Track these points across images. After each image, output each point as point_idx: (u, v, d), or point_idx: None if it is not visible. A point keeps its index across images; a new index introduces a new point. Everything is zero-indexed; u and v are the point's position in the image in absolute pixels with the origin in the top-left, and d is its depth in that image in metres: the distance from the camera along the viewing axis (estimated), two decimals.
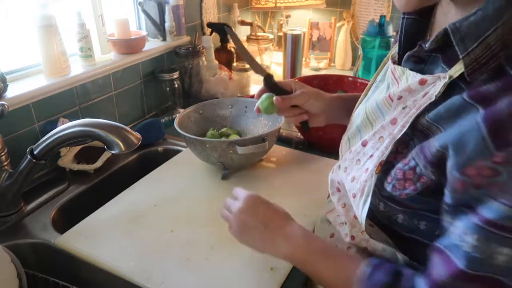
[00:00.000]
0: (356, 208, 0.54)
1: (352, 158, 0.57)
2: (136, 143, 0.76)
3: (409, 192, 0.47)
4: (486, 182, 0.39)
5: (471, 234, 0.41)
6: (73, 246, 0.75)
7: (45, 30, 0.95)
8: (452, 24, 0.44)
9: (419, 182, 0.46)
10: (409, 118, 0.48)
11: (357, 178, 0.54)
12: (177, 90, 1.34)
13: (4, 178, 0.81)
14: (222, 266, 0.70)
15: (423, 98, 0.48)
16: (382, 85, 0.63)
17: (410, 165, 0.47)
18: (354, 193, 0.54)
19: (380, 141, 0.52)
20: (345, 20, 1.80)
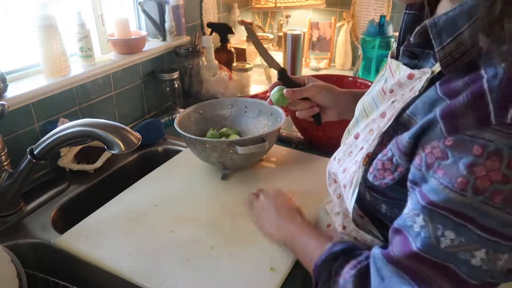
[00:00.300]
0: (346, 198, 0.57)
1: (345, 150, 0.60)
2: (136, 143, 0.76)
3: (388, 181, 0.50)
4: (435, 164, 0.42)
5: (421, 215, 0.43)
6: (73, 246, 0.75)
7: (45, 30, 0.95)
8: (431, 19, 0.45)
9: (397, 171, 0.48)
10: (395, 111, 0.50)
11: (347, 170, 0.57)
12: (177, 90, 1.34)
13: (4, 178, 0.81)
14: (222, 266, 0.70)
15: (409, 93, 0.49)
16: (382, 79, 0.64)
17: (388, 156, 0.49)
18: (344, 184, 0.57)
19: (370, 133, 0.54)
20: (345, 20, 1.80)
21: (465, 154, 0.39)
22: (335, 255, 0.56)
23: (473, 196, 0.39)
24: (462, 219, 0.40)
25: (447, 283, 0.43)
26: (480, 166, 0.38)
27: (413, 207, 0.45)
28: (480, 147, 0.38)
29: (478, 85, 0.40)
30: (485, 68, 0.40)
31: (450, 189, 0.40)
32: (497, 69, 0.39)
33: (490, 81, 0.39)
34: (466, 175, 0.39)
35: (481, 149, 0.38)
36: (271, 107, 1.07)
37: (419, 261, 0.44)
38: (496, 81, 0.39)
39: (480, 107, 0.39)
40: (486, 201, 0.39)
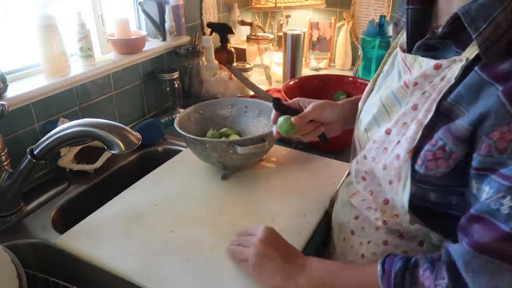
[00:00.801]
0: (395, 193, 0.57)
1: (378, 147, 0.60)
2: (136, 143, 0.76)
3: (443, 170, 0.51)
4: (509, 146, 0.43)
5: (506, 196, 0.44)
6: (73, 246, 0.75)
7: (45, 30, 0.95)
8: (461, 8, 0.47)
9: (451, 159, 0.50)
10: (432, 102, 0.51)
11: (389, 166, 0.57)
12: (177, 90, 1.34)
13: (4, 178, 0.81)
14: (222, 266, 0.70)
15: (442, 82, 0.51)
16: (391, 74, 0.65)
17: (439, 145, 0.50)
18: (390, 180, 0.57)
19: (404, 127, 0.55)
20: (345, 20, 1.80)
21: None
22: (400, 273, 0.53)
23: None
24: None
25: None
26: None
27: (494, 190, 0.45)
28: None
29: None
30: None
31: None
32: None
33: None
34: None
35: None
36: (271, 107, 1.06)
37: None
38: None
39: None
40: None
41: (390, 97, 0.61)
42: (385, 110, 0.62)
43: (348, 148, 1.10)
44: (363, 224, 0.69)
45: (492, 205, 0.45)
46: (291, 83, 1.22)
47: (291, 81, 1.23)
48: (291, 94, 1.16)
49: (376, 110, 0.64)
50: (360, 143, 0.69)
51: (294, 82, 1.23)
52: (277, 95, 1.45)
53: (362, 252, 0.69)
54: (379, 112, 0.63)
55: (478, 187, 0.48)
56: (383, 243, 0.66)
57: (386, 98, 0.62)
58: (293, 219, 0.81)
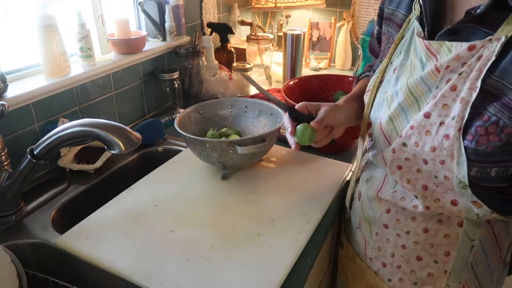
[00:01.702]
0: (450, 171, 0.59)
1: (419, 131, 0.61)
2: (136, 143, 0.76)
3: (495, 143, 0.54)
4: None
5: None
6: (73, 246, 0.75)
7: (45, 30, 0.95)
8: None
9: (503, 133, 0.53)
10: (474, 80, 0.54)
11: (438, 147, 0.59)
12: (177, 90, 1.34)
13: (4, 178, 0.81)
14: (222, 266, 0.70)
15: (480, 61, 0.54)
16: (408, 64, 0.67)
17: (492, 121, 0.53)
18: (442, 160, 0.59)
19: (444, 108, 0.58)
20: (345, 20, 1.80)
21: None
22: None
23: None
24: None
25: None
26: None
27: None
28: None
29: None
30: None
31: None
32: None
33: None
34: None
35: None
36: (271, 107, 1.07)
37: None
38: None
39: None
40: None
41: (419, 83, 0.63)
42: (413, 97, 0.64)
43: (348, 148, 1.11)
44: (397, 216, 0.71)
45: None
46: (291, 83, 1.22)
47: (291, 81, 1.23)
48: (291, 94, 1.16)
49: (402, 98, 0.65)
50: (385, 133, 0.69)
51: (294, 82, 1.23)
52: (277, 95, 1.45)
53: (402, 243, 0.72)
54: (406, 99, 0.65)
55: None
56: (423, 230, 0.68)
57: (413, 85, 0.64)
58: (293, 219, 0.81)
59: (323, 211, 0.85)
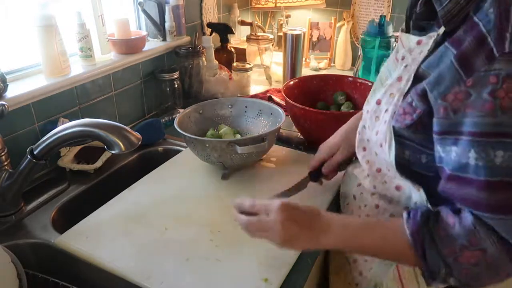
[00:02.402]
0: (385, 154, 0.65)
1: (371, 116, 0.69)
2: (136, 143, 0.76)
3: (408, 122, 0.59)
4: (462, 105, 0.51)
5: (471, 149, 0.51)
6: (73, 246, 0.75)
7: (45, 30, 0.95)
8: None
9: (415, 113, 0.58)
10: (412, 72, 0.60)
11: (380, 131, 0.66)
12: (177, 90, 1.34)
13: (4, 178, 0.81)
14: (222, 266, 0.70)
15: (420, 55, 0.59)
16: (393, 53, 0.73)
17: (408, 101, 0.59)
18: (380, 143, 0.66)
19: (391, 96, 0.64)
20: (345, 20, 1.80)
21: (485, 86, 0.49)
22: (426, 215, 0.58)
23: (502, 115, 0.48)
24: (500, 137, 0.49)
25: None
26: (500, 90, 0.48)
27: (460, 148, 0.52)
28: (495, 76, 0.48)
29: (477, 30, 0.50)
30: (477, 15, 0.51)
31: (483, 117, 0.49)
32: (487, 14, 0.50)
33: (486, 25, 0.50)
34: (491, 100, 0.49)
35: (495, 77, 0.48)
36: (271, 107, 1.07)
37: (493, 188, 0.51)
38: (491, 24, 0.49)
39: (484, 47, 0.49)
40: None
41: (384, 70, 0.70)
42: (380, 82, 0.71)
43: None
44: (362, 190, 0.78)
45: (462, 159, 0.52)
46: (291, 83, 1.22)
47: (291, 81, 1.23)
48: (291, 94, 1.16)
49: (375, 84, 0.73)
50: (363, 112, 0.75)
51: (294, 82, 1.23)
52: (277, 95, 1.45)
53: (359, 214, 0.78)
54: (377, 84, 0.72)
55: (445, 150, 0.55)
56: (375, 206, 0.74)
57: (382, 72, 0.72)
58: None
59: (325, 208, 0.85)
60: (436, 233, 0.56)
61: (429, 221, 0.57)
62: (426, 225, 0.57)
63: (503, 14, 0.49)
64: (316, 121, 1.04)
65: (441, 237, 0.56)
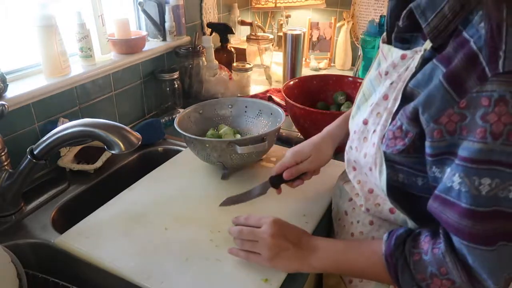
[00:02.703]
0: (375, 179, 0.61)
1: (359, 137, 0.64)
2: (136, 143, 0.76)
3: (399, 147, 0.55)
4: (457, 126, 0.47)
5: (456, 173, 0.49)
6: (73, 246, 0.75)
7: (45, 30, 0.95)
8: (415, 2, 0.52)
9: (407, 137, 0.54)
10: (398, 91, 0.55)
11: (368, 154, 0.61)
12: (177, 90, 1.34)
13: (4, 178, 0.81)
14: (222, 266, 0.70)
15: (406, 72, 0.55)
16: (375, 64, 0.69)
17: (397, 125, 0.55)
18: (369, 167, 0.61)
19: (378, 116, 0.59)
20: (345, 20, 1.80)
21: (478, 108, 0.45)
22: (402, 238, 0.58)
23: (493, 142, 0.45)
24: (490, 164, 0.46)
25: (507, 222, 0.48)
26: (491, 113, 0.44)
27: (449, 170, 0.50)
28: (487, 98, 0.44)
29: (468, 48, 0.46)
30: (466, 30, 0.47)
31: (474, 142, 0.46)
32: (477, 29, 0.46)
33: (477, 42, 0.46)
34: (483, 125, 0.45)
35: (487, 99, 0.44)
36: (271, 107, 1.07)
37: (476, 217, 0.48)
38: (481, 41, 0.45)
39: (476, 67, 0.45)
40: (505, 143, 0.44)
41: (368, 85, 0.65)
42: (365, 98, 0.66)
43: None
44: (354, 205, 0.74)
45: (447, 183, 0.50)
46: (291, 83, 1.22)
47: (291, 81, 1.23)
48: (291, 94, 1.16)
49: (359, 98, 0.68)
50: (350, 131, 0.71)
51: (294, 82, 1.23)
52: (277, 95, 1.45)
53: (352, 231, 0.74)
54: (361, 100, 0.67)
55: (441, 170, 0.52)
56: (369, 223, 0.70)
57: (365, 87, 0.66)
58: (293, 219, 0.81)
59: (323, 211, 0.85)
60: (410, 256, 0.56)
61: (405, 244, 0.57)
62: (400, 248, 0.57)
63: (495, 30, 0.44)
64: (316, 121, 1.04)
65: (415, 262, 0.56)
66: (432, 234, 0.56)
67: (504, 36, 0.44)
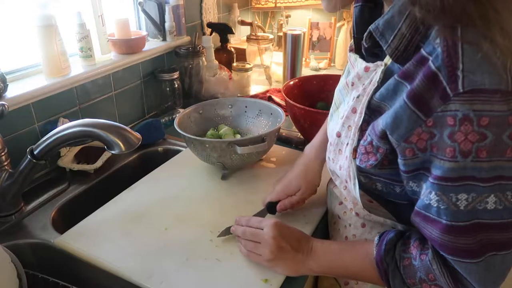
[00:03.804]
0: (351, 190, 0.63)
1: (334, 149, 0.65)
2: (136, 143, 0.76)
3: (372, 162, 0.55)
4: (427, 144, 0.47)
5: (432, 192, 0.49)
6: (73, 246, 0.75)
7: (45, 30, 0.95)
8: (373, 24, 0.52)
9: (379, 152, 0.54)
10: (363, 105, 0.56)
11: (342, 166, 0.63)
12: (177, 90, 1.34)
13: (4, 178, 0.81)
14: (222, 266, 0.70)
15: (370, 85, 0.55)
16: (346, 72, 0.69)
17: (368, 141, 0.55)
18: (345, 179, 0.63)
19: (349, 129, 0.60)
20: (345, 20, 1.80)
21: (444, 127, 0.45)
22: (392, 242, 0.58)
23: (464, 160, 0.45)
24: (464, 180, 0.46)
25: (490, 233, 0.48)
26: (458, 132, 0.44)
27: (425, 187, 0.50)
28: (452, 117, 0.44)
29: (427, 67, 0.46)
30: (424, 47, 0.47)
31: (445, 160, 0.46)
32: (434, 47, 0.45)
33: (435, 62, 0.45)
34: (451, 144, 0.45)
35: (452, 119, 0.44)
36: (271, 107, 1.07)
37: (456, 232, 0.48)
38: (439, 60, 0.44)
39: (437, 86, 0.45)
40: (475, 160, 0.45)
41: (337, 94, 0.66)
42: (336, 107, 0.68)
43: None
44: (345, 209, 0.75)
45: (425, 200, 0.50)
46: (291, 83, 1.22)
47: (291, 81, 1.23)
48: (291, 94, 1.16)
49: (332, 106, 0.69)
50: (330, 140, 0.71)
51: (294, 82, 1.23)
52: (277, 95, 1.45)
53: (346, 234, 0.75)
54: (333, 108, 0.69)
55: (418, 185, 0.52)
56: (361, 225, 0.72)
57: (336, 95, 0.67)
58: (293, 219, 0.81)
59: (322, 211, 0.85)
60: (401, 261, 0.57)
61: (396, 248, 0.58)
62: (390, 253, 0.58)
63: (451, 48, 0.44)
64: (316, 121, 1.04)
65: (405, 267, 0.56)
66: (421, 238, 0.56)
67: (461, 56, 0.43)
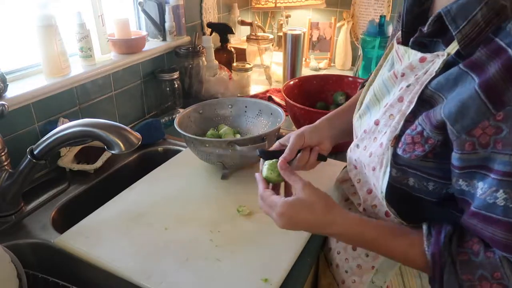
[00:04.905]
0: (377, 179, 0.60)
1: (370, 137, 0.63)
2: (136, 143, 0.76)
3: (418, 153, 0.53)
4: (490, 140, 0.45)
5: (499, 190, 0.46)
6: (73, 246, 0.75)
7: (45, 30, 0.95)
8: (444, 8, 0.50)
9: (427, 144, 0.52)
10: (414, 94, 0.53)
11: (374, 153, 0.60)
12: (177, 90, 1.34)
13: (4, 178, 0.81)
14: (222, 265, 0.70)
15: (425, 75, 0.53)
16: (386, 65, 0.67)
17: (418, 130, 0.52)
18: (373, 167, 0.60)
19: (390, 118, 0.58)
20: (345, 20, 1.80)
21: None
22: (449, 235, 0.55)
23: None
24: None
25: None
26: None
27: (487, 186, 0.48)
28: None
29: (506, 58, 0.44)
30: (501, 38, 0.45)
31: None
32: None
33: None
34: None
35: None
36: (271, 107, 1.07)
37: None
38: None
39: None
40: None
41: (381, 86, 0.64)
42: (376, 98, 0.65)
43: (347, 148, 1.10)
44: (350, 206, 0.74)
45: (487, 200, 0.48)
46: (291, 83, 1.22)
47: (291, 81, 1.23)
48: (291, 94, 1.16)
49: (369, 99, 0.67)
50: (356, 130, 0.70)
51: (294, 82, 1.23)
52: (277, 95, 1.45)
53: None
54: (371, 100, 0.66)
55: (469, 184, 0.50)
56: None
57: (377, 87, 0.65)
58: None
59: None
60: (457, 256, 0.53)
61: (452, 243, 0.54)
62: (449, 248, 0.54)
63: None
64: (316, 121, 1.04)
65: (462, 262, 0.52)
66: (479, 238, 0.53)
67: None
